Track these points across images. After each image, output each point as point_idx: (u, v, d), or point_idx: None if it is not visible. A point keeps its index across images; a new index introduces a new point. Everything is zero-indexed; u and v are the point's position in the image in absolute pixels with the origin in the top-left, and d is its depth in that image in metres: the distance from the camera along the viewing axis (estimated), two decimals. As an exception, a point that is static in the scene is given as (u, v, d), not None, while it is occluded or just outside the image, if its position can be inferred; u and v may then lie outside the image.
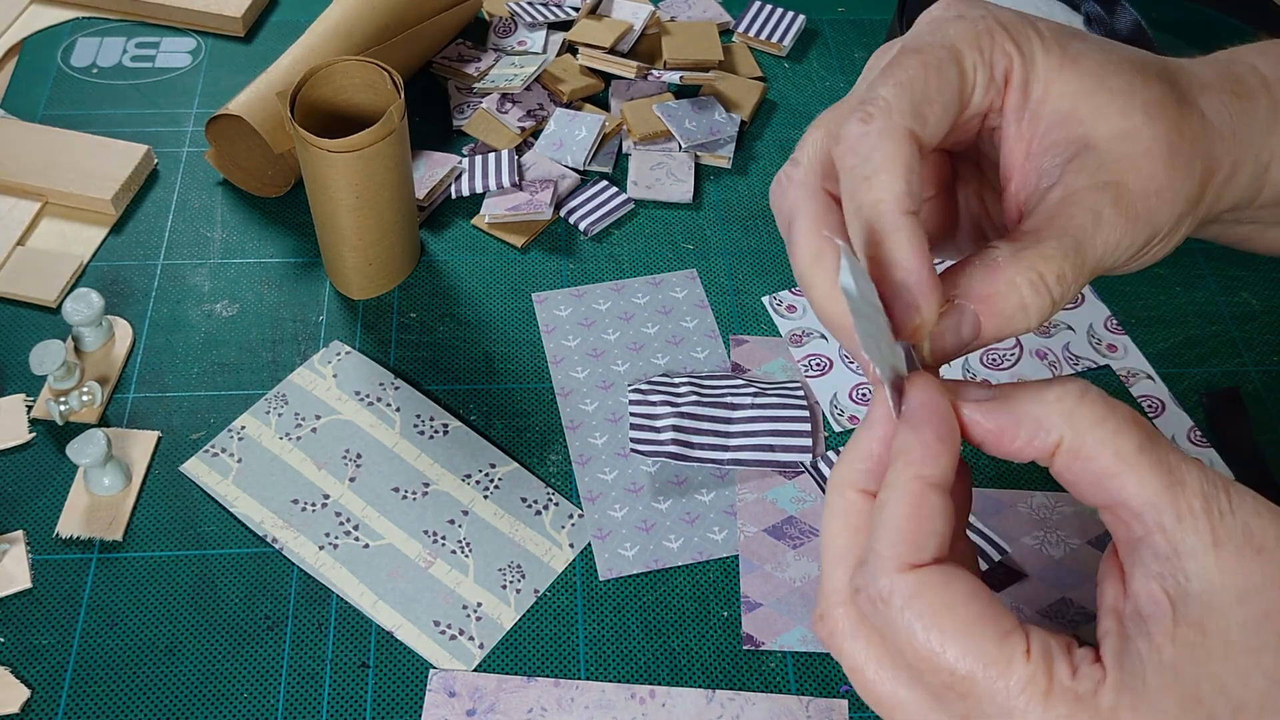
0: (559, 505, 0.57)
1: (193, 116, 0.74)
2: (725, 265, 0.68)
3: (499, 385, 0.62)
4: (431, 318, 0.64)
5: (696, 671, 0.52)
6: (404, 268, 0.65)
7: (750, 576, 0.55)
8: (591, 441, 0.59)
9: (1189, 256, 0.69)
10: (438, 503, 0.57)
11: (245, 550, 0.55)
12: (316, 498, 0.57)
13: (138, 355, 0.62)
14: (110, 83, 0.76)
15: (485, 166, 0.70)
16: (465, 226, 0.69)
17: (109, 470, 0.56)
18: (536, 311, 0.65)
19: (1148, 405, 0.62)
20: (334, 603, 0.54)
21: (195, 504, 0.57)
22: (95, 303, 0.60)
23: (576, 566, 0.55)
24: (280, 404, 0.60)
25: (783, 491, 0.58)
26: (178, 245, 0.67)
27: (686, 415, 0.58)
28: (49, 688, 0.51)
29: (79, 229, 0.68)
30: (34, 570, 0.54)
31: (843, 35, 0.82)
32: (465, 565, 0.55)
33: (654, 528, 0.56)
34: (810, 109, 0.76)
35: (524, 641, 0.53)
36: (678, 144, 0.72)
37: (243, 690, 0.51)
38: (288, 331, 0.63)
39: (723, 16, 0.81)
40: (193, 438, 0.59)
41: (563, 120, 0.72)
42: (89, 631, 0.52)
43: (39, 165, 0.69)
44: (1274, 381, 0.64)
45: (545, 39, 0.78)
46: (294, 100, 0.58)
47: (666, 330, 0.64)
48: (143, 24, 0.80)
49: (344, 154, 0.57)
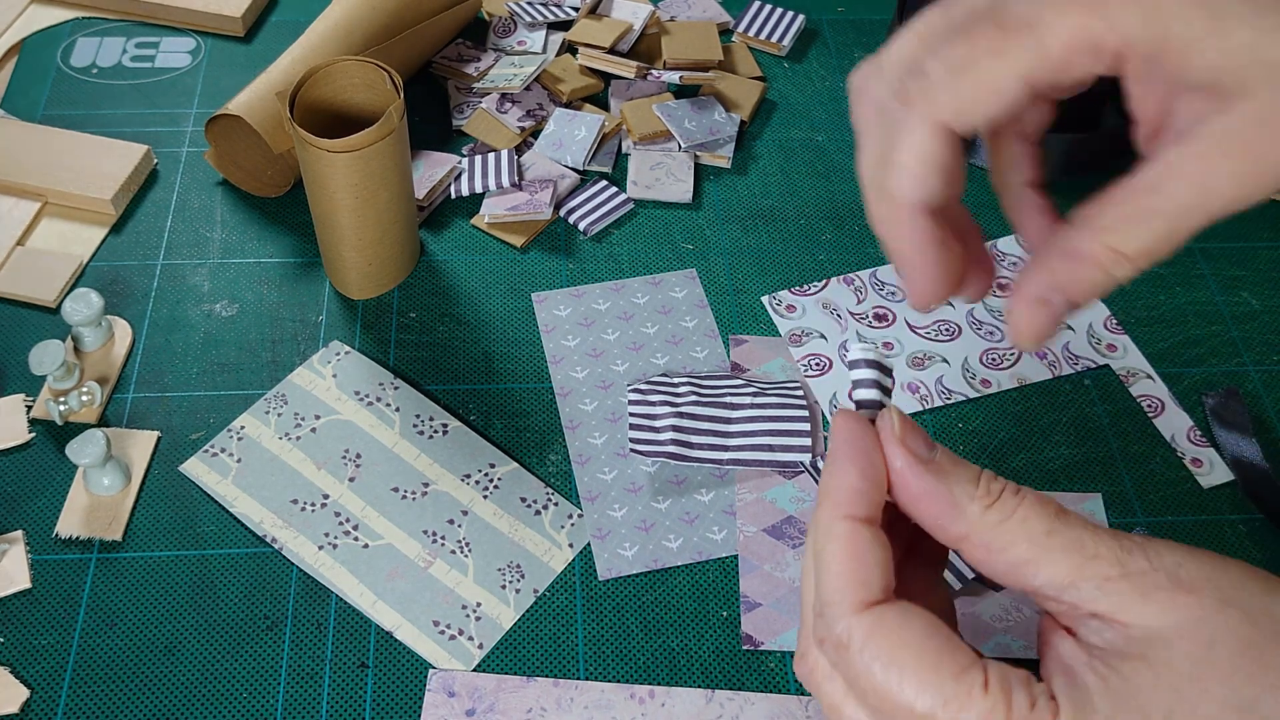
0: (558, 505, 0.57)
1: (192, 116, 0.74)
2: (725, 265, 0.68)
3: (498, 385, 0.62)
4: (431, 318, 0.64)
5: (696, 671, 0.52)
6: (404, 268, 0.65)
7: (750, 576, 0.55)
8: (591, 441, 0.59)
9: (1189, 256, 0.69)
10: (437, 503, 0.57)
11: (244, 550, 0.55)
12: (316, 498, 0.57)
13: (137, 355, 0.62)
14: (110, 83, 0.76)
15: (485, 166, 0.70)
16: (465, 226, 0.69)
17: (108, 470, 0.56)
18: (536, 311, 0.65)
19: (1147, 405, 0.62)
20: (333, 603, 0.54)
21: (195, 504, 0.57)
22: (95, 303, 0.60)
23: (576, 566, 0.55)
24: (280, 404, 0.60)
25: (782, 491, 0.58)
26: (177, 245, 0.67)
27: (686, 415, 0.58)
28: (49, 688, 0.51)
29: (79, 229, 0.68)
30: (33, 570, 0.54)
31: (842, 35, 0.82)
32: (465, 565, 0.55)
33: (653, 528, 0.56)
34: (810, 109, 0.76)
35: (523, 641, 0.53)
36: (677, 144, 0.72)
37: (242, 690, 0.51)
38: (287, 331, 0.63)
39: (722, 16, 0.81)
40: (192, 438, 0.59)
41: (562, 120, 0.72)
42: (88, 631, 0.52)
43: (39, 165, 0.69)
44: (1274, 381, 0.64)
45: (545, 39, 0.78)
46: (294, 100, 0.58)
47: (666, 330, 0.64)
48: (142, 24, 0.80)
49: (344, 154, 0.57)
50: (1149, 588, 0.30)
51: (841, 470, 0.32)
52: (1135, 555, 0.30)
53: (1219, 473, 0.60)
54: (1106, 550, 0.30)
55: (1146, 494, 0.59)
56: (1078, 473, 0.59)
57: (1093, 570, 0.30)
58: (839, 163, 0.73)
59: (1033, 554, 0.31)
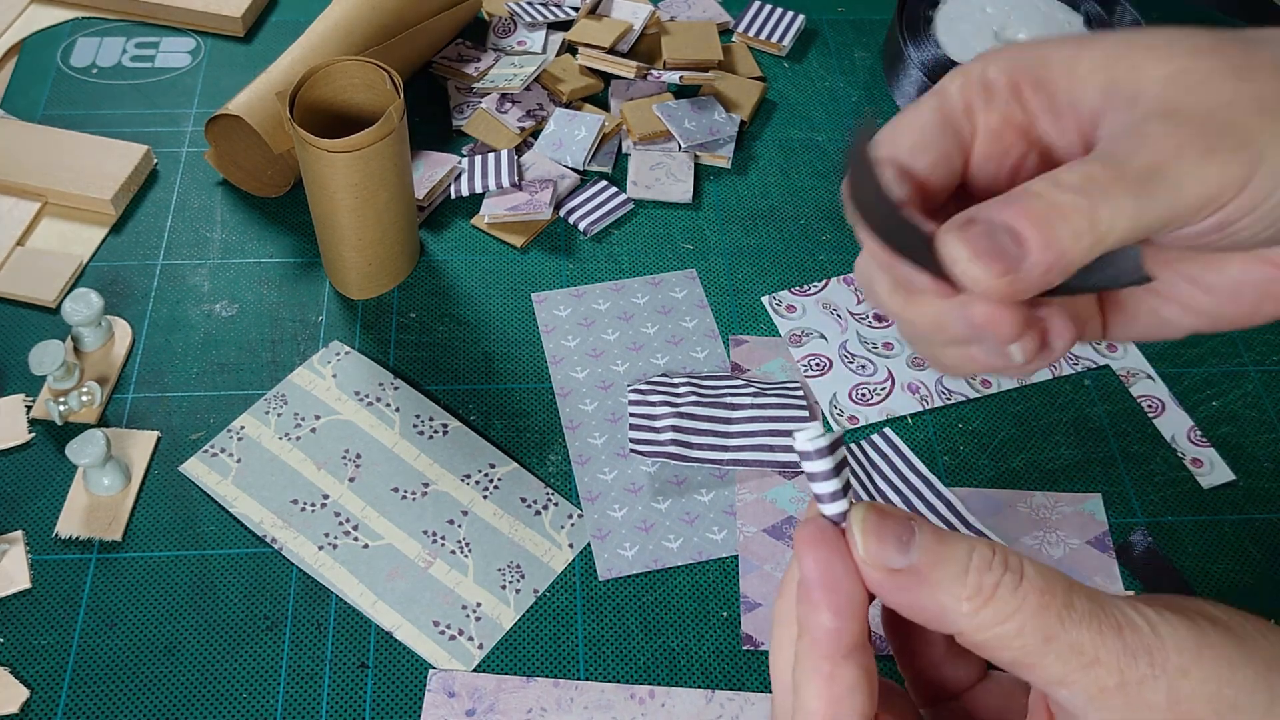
0: (558, 505, 0.57)
1: (192, 116, 0.74)
2: (725, 265, 0.68)
3: (498, 385, 0.62)
4: (431, 318, 0.64)
5: (696, 671, 0.52)
6: (404, 268, 0.65)
7: (750, 576, 0.55)
8: (591, 441, 0.59)
9: (1189, 256, 0.69)
10: (437, 503, 0.57)
11: (244, 550, 0.55)
12: (316, 498, 0.57)
13: (137, 355, 0.62)
14: (110, 83, 0.76)
15: (485, 166, 0.70)
16: (465, 226, 0.69)
17: (108, 470, 0.56)
18: (536, 311, 0.65)
19: (1148, 405, 0.62)
20: (333, 603, 0.54)
21: (194, 504, 0.57)
22: (95, 303, 0.60)
23: (576, 567, 0.55)
24: (280, 404, 0.60)
25: (782, 491, 0.58)
26: (177, 245, 0.67)
27: (686, 415, 0.58)
28: (49, 688, 0.51)
29: (79, 229, 0.68)
30: (33, 570, 0.54)
31: (842, 35, 0.82)
32: (465, 565, 0.55)
33: (653, 528, 0.56)
34: (809, 109, 0.76)
35: (523, 642, 0.53)
36: (677, 144, 0.72)
37: (242, 690, 0.51)
38: (287, 331, 0.63)
39: (722, 16, 0.81)
40: (192, 438, 0.59)
41: (562, 120, 0.72)
42: (88, 631, 0.52)
43: (39, 165, 0.69)
44: (1274, 381, 0.64)
45: (545, 39, 0.78)
46: (293, 100, 0.58)
47: (666, 330, 0.64)
48: (142, 24, 0.80)
49: (343, 154, 0.57)
50: (1143, 709, 0.28)
51: (815, 609, 0.29)
52: (1139, 659, 0.28)
53: (1219, 473, 0.60)
54: (1107, 655, 0.28)
55: (1146, 494, 0.59)
56: (1078, 473, 0.59)
57: (1089, 679, 0.28)
58: (839, 162, 0.73)
59: (1026, 658, 0.28)
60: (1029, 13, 0.78)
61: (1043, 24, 0.77)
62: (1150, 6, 0.84)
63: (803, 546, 0.30)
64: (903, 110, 0.34)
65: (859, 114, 0.76)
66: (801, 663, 0.30)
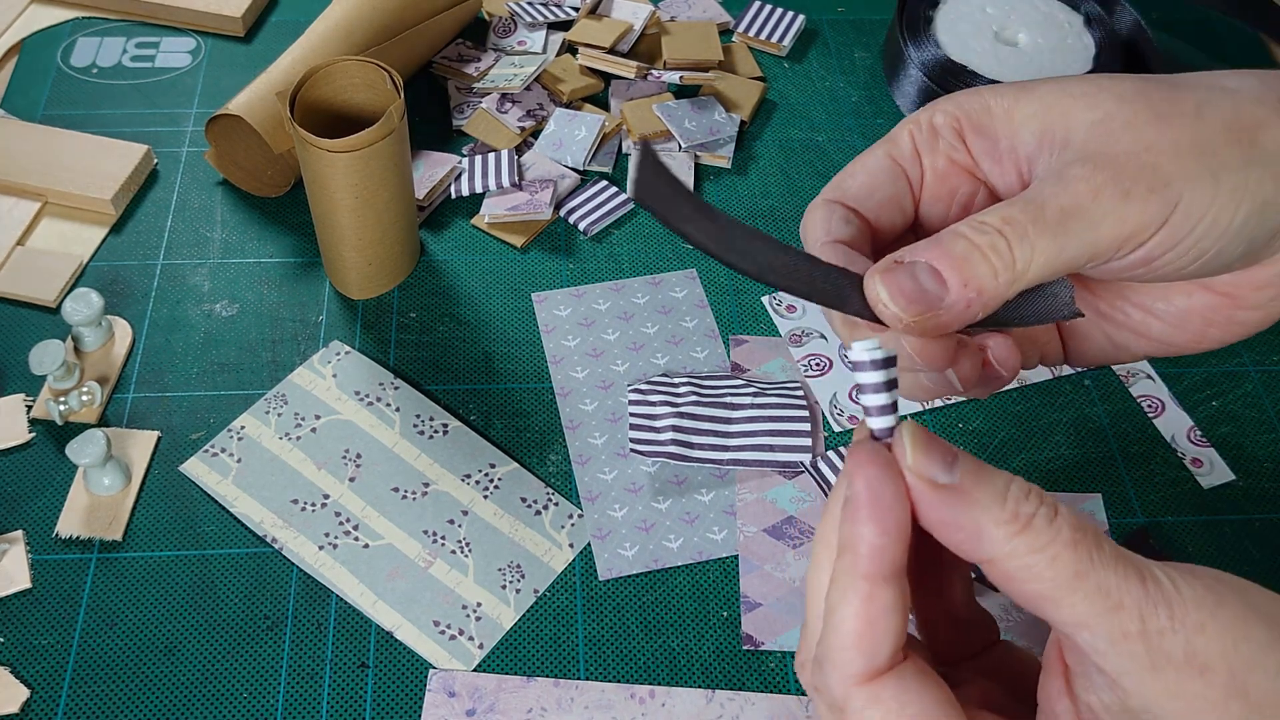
0: (559, 505, 0.57)
1: (192, 116, 0.74)
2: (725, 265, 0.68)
3: (499, 385, 0.62)
4: (431, 318, 0.64)
5: (696, 671, 0.52)
6: (404, 268, 0.65)
7: (750, 576, 0.55)
8: (591, 441, 0.59)
9: (1189, 256, 0.69)
10: (437, 503, 0.57)
11: (245, 550, 0.55)
12: (316, 498, 0.57)
13: (137, 355, 0.62)
14: (110, 83, 0.76)
15: (485, 166, 0.70)
16: (465, 226, 0.69)
17: (109, 470, 0.56)
18: (536, 311, 0.65)
19: (1147, 405, 0.62)
20: (334, 603, 0.54)
21: (195, 504, 0.57)
22: (95, 303, 0.60)
23: (576, 566, 0.55)
24: (280, 404, 0.60)
25: (782, 491, 0.58)
26: (177, 245, 0.67)
27: (686, 415, 0.58)
28: (49, 688, 0.51)
29: (79, 229, 0.68)
30: (33, 570, 0.54)
31: (843, 35, 0.82)
32: (465, 565, 0.55)
33: (654, 528, 0.56)
34: (810, 109, 0.76)
35: (524, 641, 0.53)
36: (677, 144, 0.72)
37: (242, 690, 0.51)
38: (287, 331, 0.63)
39: (723, 16, 0.81)
40: (192, 438, 0.59)
41: (562, 120, 0.72)
42: (88, 631, 0.52)
43: (39, 165, 0.69)
44: (1274, 381, 0.64)
45: (545, 39, 0.78)
46: (294, 100, 0.58)
47: (666, 330, 0.64)
48: (143, 24, 0.80)
49: (344, 154, 0.57)
50: (1161, 659, 0.28)
51: (861, 524, 0.30)
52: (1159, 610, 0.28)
53: (1219, 473, 0.60)
54: (1131, 601, 0.28)
55: (1146, 494, 0.59)
56: (1078, 473, 0.59)
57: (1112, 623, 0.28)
58: (839, 163, 0.73)
59: (1054, 593, 0.29)
60: (1029, 13, 0.78)
61: (1043, 24, 0.77)
62: (1150, 6, 0.84)
63: (854, 465, 0.31)
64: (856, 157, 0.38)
65: (859, 114, 0.76)
66: (839, 581, 0.30)
